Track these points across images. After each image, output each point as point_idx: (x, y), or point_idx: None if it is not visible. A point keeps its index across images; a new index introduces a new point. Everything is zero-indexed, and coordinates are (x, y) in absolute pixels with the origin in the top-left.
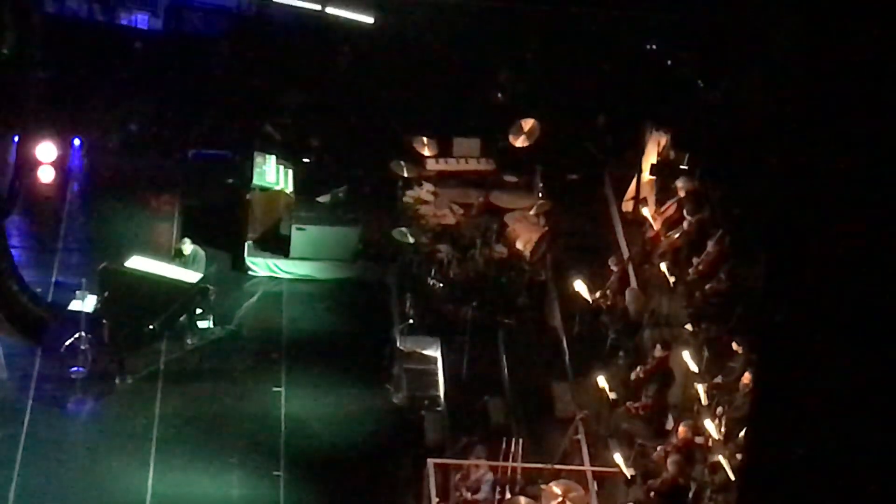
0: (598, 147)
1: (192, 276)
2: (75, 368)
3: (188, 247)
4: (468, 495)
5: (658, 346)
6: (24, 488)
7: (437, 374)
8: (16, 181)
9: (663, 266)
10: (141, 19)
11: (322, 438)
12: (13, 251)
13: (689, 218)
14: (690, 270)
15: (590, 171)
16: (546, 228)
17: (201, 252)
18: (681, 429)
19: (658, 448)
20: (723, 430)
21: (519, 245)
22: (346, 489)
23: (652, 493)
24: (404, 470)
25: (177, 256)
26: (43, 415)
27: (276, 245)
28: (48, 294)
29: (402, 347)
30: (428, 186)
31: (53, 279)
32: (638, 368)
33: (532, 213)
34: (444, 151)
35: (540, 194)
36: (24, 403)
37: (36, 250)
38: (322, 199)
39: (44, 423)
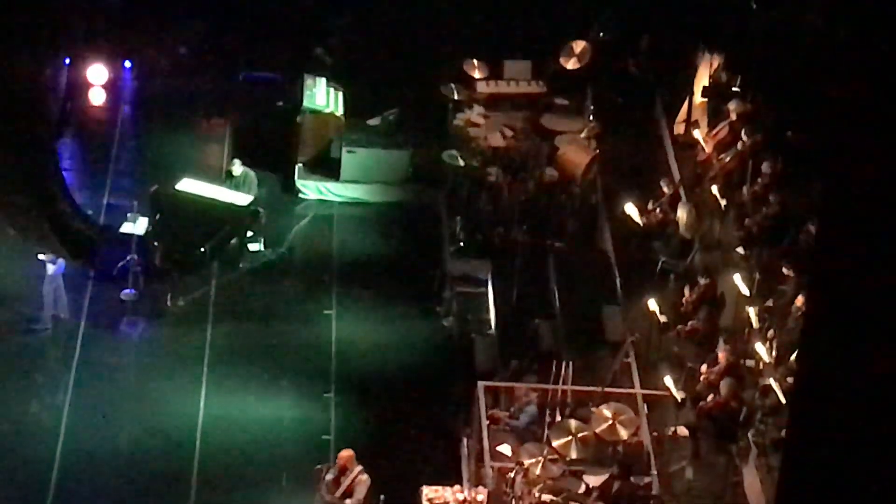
0: (642, 69)
1: (243, 198)
2: (127, 291)
3: (238, 168)
4: (505, 418)
5: (704, 274)
6: (76, 409)
7: (487, 298)
8: (67, 104)
9: (715, 189)
10: None
11: (372, 361)
12: (65, 173)
13: (741, 141)
14: (743, 193)
15: (641, 94)
16: (597, 151)
17: (252, 174)
18: (720, 354)
19: (702, 375)
20: (774, 353)
21: (570, 168)
22: (396, 411)
23: (703, 415)
24: (454, 393)
25: (227, 178)
26: (95, 337)
27: (327, 168)
28: (100, 216)
29: (452, 271)
30: (478, 109)
31: (105, 201)
32: (686, 292)
33: (583, 136)
34: (494, 74)
35: (591, 117)
36: (76, 325)
37: (88, 173)
38: (372, 121)
39: (96, 344)
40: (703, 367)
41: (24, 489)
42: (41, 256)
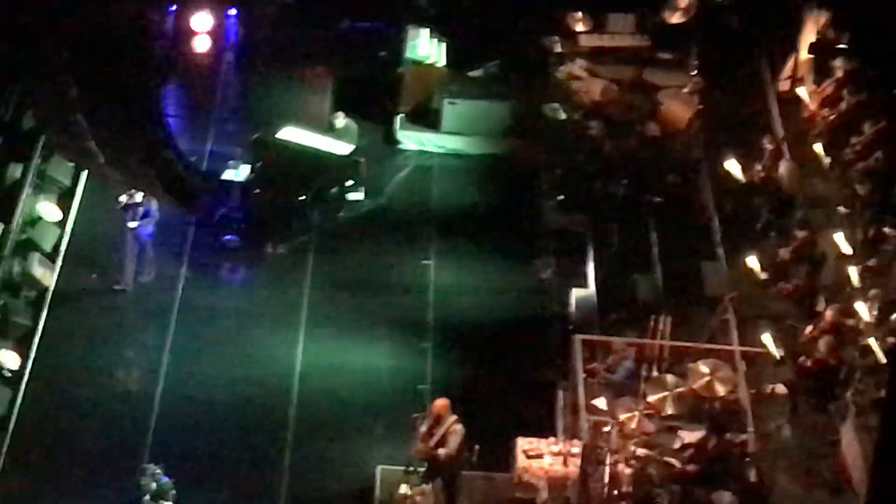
0: (747, 24)
1: (343, 147)
2: (228, 237)
3: (341, 121)
4: (602, 372)
5: (802, 228)
6: (177, 355)
7: (585, 251)
8: (172, 51)
9: (818, 146)
10: None
11: (470, 312)
12: (169, 120)
13: (846, 98)
14: (846, 151)
15: (746, 49)
16: (699, 107)
17: (354, 125)
18: (828, 312)
19: (806, 330)
20: (875, 312)
21: (672, 123)
22: (492, 362)
23: (802, 373)
24: (551, 345)
25: (329, 130)
26: (196, 283)
27: (428, 119)
28: (202, 163)
29: (551, 224)
30: (581, 62)
31: (208, 148)
32: (785, 247)
33: (686, 90)
34: (597, 27)
35: (694, 72)
36: (177, 272)
37: (191, 120)
38: (474, 73)
39: (197, 291)
40: (810, 327)
41: (124, 433)
42: (131, 225)
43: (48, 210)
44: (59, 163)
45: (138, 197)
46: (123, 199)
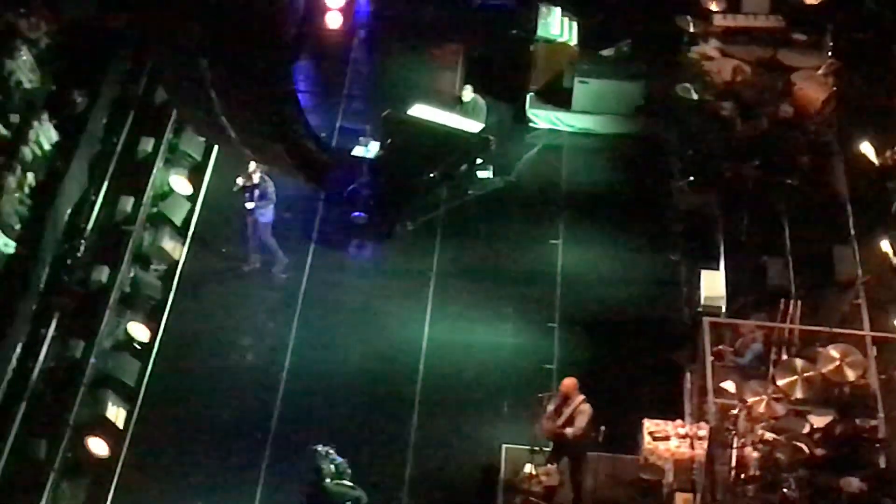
0: (877, 4)
1: (473, 125)
2: (356, 213)
3: (468, 94)
4: (730, 355)
5: None
6: (304, 328)
7: (716, 232)
8: (304, 26)
9: None
10: None
11: (598, 292)
12: (300, 96)
13: None
14: None
15: (882, 31)
16: (834, 88)
17: (482, 101)
18: None
19: None
20: None
21: (805, 104)
22: (619, 344)
23: None
24: (679, 327)
25: (457, 104)
26: (324, 257)
27: (558, 97)
28: (333, 139)
29: (681, 204)
30: (714, 42)
31: (338, 124)
32: None
33: (820, 72)
34: (732, 7)
35: (829, 53)
36: (306, 246)
37: (322, 96)
38: (606, 52)
39: (325, 265)
40: None
41: (251, 407)
42: (248, 206)
43: (179, 184)
44: (191, 137)
45: (256, 178)
46: (240, 180)
